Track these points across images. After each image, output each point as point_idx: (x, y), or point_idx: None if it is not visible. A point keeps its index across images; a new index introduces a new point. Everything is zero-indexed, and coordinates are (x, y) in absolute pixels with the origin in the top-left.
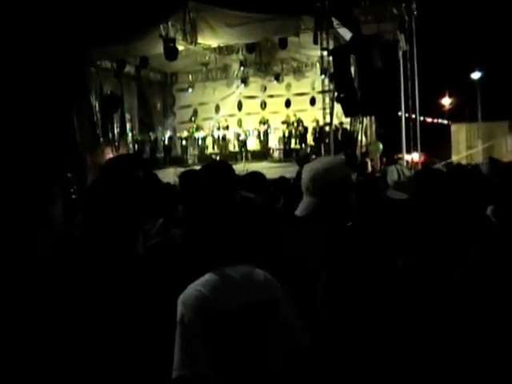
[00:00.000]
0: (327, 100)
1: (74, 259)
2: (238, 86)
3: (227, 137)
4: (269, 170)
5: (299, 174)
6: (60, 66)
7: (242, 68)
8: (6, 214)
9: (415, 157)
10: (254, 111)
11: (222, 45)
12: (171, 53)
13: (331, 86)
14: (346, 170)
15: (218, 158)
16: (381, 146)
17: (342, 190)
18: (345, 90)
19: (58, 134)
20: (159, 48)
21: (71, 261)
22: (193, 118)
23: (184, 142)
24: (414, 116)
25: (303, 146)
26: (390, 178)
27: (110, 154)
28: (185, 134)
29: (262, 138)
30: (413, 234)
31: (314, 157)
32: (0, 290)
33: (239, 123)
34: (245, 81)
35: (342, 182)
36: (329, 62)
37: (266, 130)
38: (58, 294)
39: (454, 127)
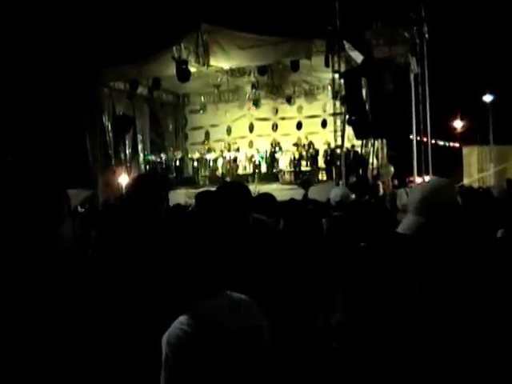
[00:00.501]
0: (338, 122)
1: (85, 275)
2: (249, 108)
3: (238, 158)
4: (279, 192)
5: (305, 196)
6: (74, 86)
7: (253, 90)
8: (13, 230)
9: (426, 180)
10: (266, 133)
11: (233, 67)
12: (184, 74)
13: (343, 109)
14: (455, 192)
15: (228, 179)
16: (392, 168)
17: (450, 211)
18: (356, 112)
19: (69, 153)
20: (172, 69)
21: (81, 276)
22: (205, 141)
23: (195, 164)
24: (425, 139)
25: (314, 168)
26: (400, 202)
27: (121, 175)
28: (196, 155)
29: (273, 160)
30: (426, 259)
31: (317, 180)
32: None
33: (250, 145)
34: (256, 103)
35: (450, 204)
36: (340, 84)
37: (276, 152)
38: (60, 308)
39: (465, 150)
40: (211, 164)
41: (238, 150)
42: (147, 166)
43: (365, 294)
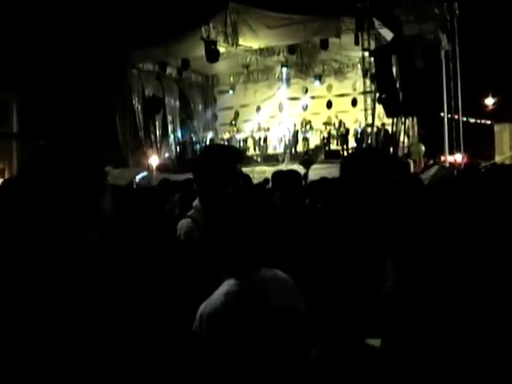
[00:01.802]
0: (369, 101)
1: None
2: (279, 88)
3: (268, 138)
4: (310, 171)
5: (305, 176)
6: (103, 68)
7: (283, 69)
8: (61, 201)
9: (458, 158)
10: (296, 113)
11: (262, 46)
12: (212, 55)
13: (373, 87)
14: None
15: (259, 159)
16: (423, 147)
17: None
18: (386, 90)
19: (100, 135)
20: (200, 50)
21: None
22: (233, 122)
23: (226, 143)
24: (456, 116)
25: (344, 147)
26: (425, 175)
27: (152, 156)
28: (226, 135)
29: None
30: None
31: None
32: (52, 271)
33: (280, 124)
34: (286, 82)
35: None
36: (370, 62)
37: (306, 131)
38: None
39: (497, 127)
40: (241, 144)
41: (268, 129)
42: (177, 147)
43: (417, 262)
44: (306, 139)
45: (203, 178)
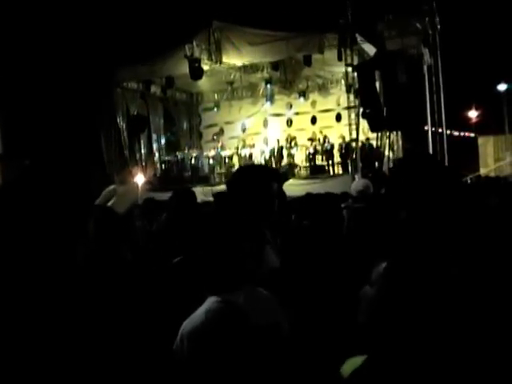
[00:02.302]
0: (353, 116)
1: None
2: (263, 104)
3: (254, 155)
4: (295, 187)
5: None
6: (88, 87)
7: (267, 86)
8: (47, 225)
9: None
10: (280, 129)
11: (246, 63)
12: (196, 72)
13: (356, 102)
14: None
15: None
16: None
17: None
18: (370, 105)
19: (85, 154)
20: (185, 68)
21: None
22: (215, 137)
23: (211, 161)
24: (440, 130)
25: (329, 162)
26: None
27: (137, 175)
28: (211, 152)
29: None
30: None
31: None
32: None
33: (265, 141)
34: (270, 99)
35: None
36: (354, 78)
37: (292, 147)
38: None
39: (481, 140)
40: (226, 161)
41: (253, 146)
42: (163, 166)
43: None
44: (290, 155)
45: (240, 201)
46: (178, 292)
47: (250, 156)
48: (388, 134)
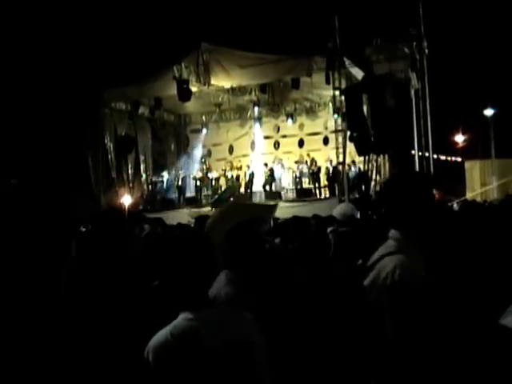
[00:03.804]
0: (340, 139)
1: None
2: (251, 127)
3: (241, 177)
4: (282, 209)
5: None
6: (76, 108)
7: (255, 108)
8: (32, 250)
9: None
10: (268, 151)
11: (234, 86)
12: (185, 94)
13: (344, 126)
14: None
15: (231, 198)
16: None
17: None
18: (357, 129)
19: (72, 174)
20: (173, 89)
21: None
22: (203, 160)
23: (198, 183)
24: (427, 154)
25: (316, 185)
26: None
27: (124, 195)
28: (199, 174)
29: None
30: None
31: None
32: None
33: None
34: (258, 121)
35: None
36: (341, 101)
37: (278, 170)
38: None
39: (467, 164)
40: (213, 183)
41: (240, 168)
42: (150, 186)
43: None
44: (277, 178)
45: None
46: (157, 311)
47: (238, 178)
48: (375, 157)
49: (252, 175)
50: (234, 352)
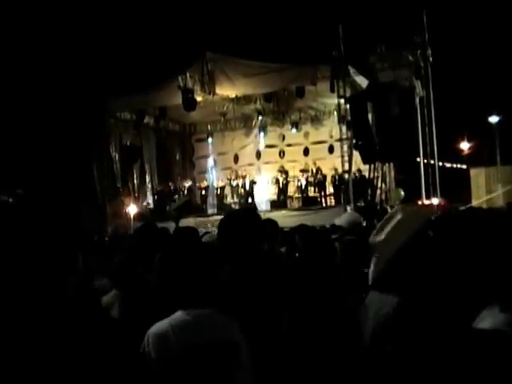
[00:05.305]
0: (345, 148)
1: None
2: (256, 136)
3: (246, 186)
4: (288, 218)
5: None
6: (81, 118)
7: (260, 117)
8: (40, 256)
9: (435, 202)
10: (273, 160)
11: (239, 95)
12: (190, 103)
13: (349, 134)
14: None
15: (237, 207)
16: (402, 192)
17: None
18: (363, 137)
19: (77, 184)
20: (178, 99)
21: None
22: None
23: (203, 192)
24: (432, 161)
25: (322, 194)
26: None
27: (129, 205)
28: (204, 183)
29: (280, 186)
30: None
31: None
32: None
33: (257, 172)
34: (263, 130)
35: None
36: (346, 109)
37: (286, 179)
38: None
39: (473, 172)
40: (219, 192)
41: (245, 177)
42: (155, 196)
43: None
44: (283, 186)
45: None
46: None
47: (243, 186)
48: (381, 165)
49: (252, 184)
50: (222, 350)
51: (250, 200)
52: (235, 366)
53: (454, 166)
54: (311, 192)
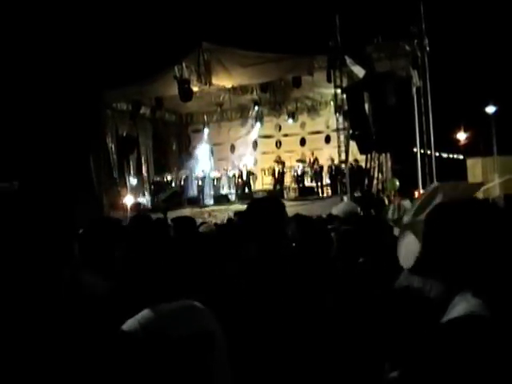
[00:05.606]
0: (342, 138)
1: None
2: (252, 126)
3: (243, 176)
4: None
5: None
6: (77, 108)
7: (256, 107)
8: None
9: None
10: (269, 150)
11: (235, 85)
12: (186, 94)
13: (346, 124)
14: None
15: (233, 197)
16: (397, 182)
17: None
18: (359, 127)
19: (74, 175)
20: (174, 89)
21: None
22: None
23: (200, 182)
24: (429, 151)
25: (318, 184)
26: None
27: (126, 196)
28: (200, 174)
29: (276, 176)
30: None
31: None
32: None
33: (254, 162)
34: (260, 120)
35: None
36: (343, 99)
37: (282, 169)
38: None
39: (469, 162)
40: (215, 182)
41: (241, 167)
42: (152, 186)
43: None
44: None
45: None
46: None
47: (240, 177)
48: (377, 155)
49: (249, 174)
50: (196, 342)
51: (246, 190)
52: (211, 356)
53: (451, 156)
54: (308, 182)
